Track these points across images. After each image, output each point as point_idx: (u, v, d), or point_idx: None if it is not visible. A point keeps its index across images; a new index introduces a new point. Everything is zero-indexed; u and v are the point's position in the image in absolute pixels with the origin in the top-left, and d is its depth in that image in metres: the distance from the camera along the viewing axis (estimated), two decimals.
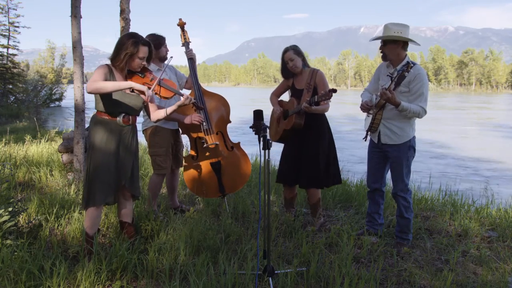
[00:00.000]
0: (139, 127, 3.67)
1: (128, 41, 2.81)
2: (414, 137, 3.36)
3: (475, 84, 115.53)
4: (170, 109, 3.07)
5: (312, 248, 3.15)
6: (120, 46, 2.83)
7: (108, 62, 2.95)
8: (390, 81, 3.16)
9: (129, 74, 2.96)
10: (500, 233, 3.72)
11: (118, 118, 2.89)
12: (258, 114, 2.69)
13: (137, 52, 2.83)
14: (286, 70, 3.75)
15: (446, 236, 3.61)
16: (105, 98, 2.85)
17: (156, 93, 2.96)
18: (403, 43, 3.24)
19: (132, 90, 2.95)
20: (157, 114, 3.09)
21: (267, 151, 2.59)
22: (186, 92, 3.79)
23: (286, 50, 3.72)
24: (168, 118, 3.72)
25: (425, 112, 3.22)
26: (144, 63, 2.93)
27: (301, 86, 3.72)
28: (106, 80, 2.80)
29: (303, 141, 3.68)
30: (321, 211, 3.88)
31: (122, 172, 2.99)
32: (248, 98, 40.65)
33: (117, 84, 2.75)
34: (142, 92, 2.83)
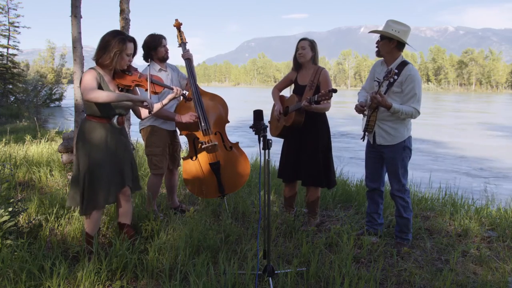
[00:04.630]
0: (136, 127, 3.68)
1: (114, 39, 2.78)
2: (409, 137, 3.36)
3: (475, 84, 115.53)
4: (157, 105, 3.08)
5: (312, 248, 3.15)
6: (106, 45, 2.78)
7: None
8: (378, 86, 3.17)
9: (116, 74, 2.93)
10: (500, 233, 3.72)
11: (113, 120, 2.88)
12: (258, 114, 2.69)
13: (125, 49, 2.80)
14: (296, 59, 3.74)
15: (446, 236, 3.61)
16: (100, 103, 2.80)
17: (147, 90, 2.96)
18: (398, 43, 3.24)
19: (121, 89, 2.94)
20: (144, 111, 3.10)
21: (267, 151, 2.59)
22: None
23: (303, 39, 3.73)
24: (165, 118, 3.73)
25: (418, 113, 3.22)
26: (131, 59, 2.91)
27: (304, 82, 3.72)
28: (98, 84, 2.77)
29: (302, 138, 3.68)
30: (318, 211, 3.88)
31: (125, 173, 2.99)
32: (248, 101, 40.66)
33: (115, 96, 2.71)
34: (142, 103, 2.81)
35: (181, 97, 3.34)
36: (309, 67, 3.72)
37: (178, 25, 4.03)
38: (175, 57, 4.07)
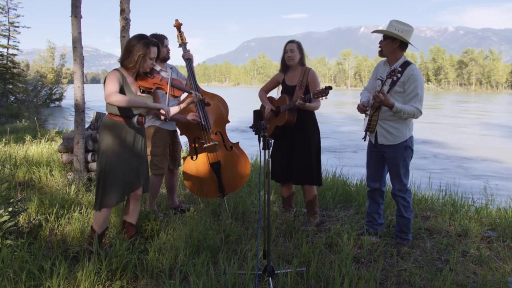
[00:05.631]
0: None
1: (139, 43, 2.85)
2: (411, 137, 3.37)
3: (475, 84, 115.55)
4: (175, 109, 3.15)
5: (312, 248, 3.15)
6: (131, 48, 2.86)
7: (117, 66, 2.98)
8: (381, 84, 3.18)
9: (138, 76, 2.99)
10: (500, 233, 3.71)
11: (133, 120, 2.91)
12: (258, 114, 2.70)
13: (149, 53, 2.87)
14: (284, 61, 3.80)
15: (446, 236, 3.61)
16: None
17: (167, 93, 3.01)
18: (401, 43, 3.24)
19: (143, 91, 2.98)
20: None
21: (267, 151, 2.59)
22: None
23: (290, 41, 3.79)
24: (172, 120, 3.74)
25: (420, 112, 3.23)
26: (154, 63, 2.99)
27: (292, 82, 3.77)
28: (120, 85, 2.83)
29: (294, 138, 3.72)
30: (317, 210, 3.89)
31: (141, 173, 3.04)
32: (247, 100, 40.66)
33: (134, 102, 2.81)
34: (159, 110, 2.94)
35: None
36: (297, 68, 3.78)
37: (178, 26, 4.03)
38: (175, 57, 4.09)
